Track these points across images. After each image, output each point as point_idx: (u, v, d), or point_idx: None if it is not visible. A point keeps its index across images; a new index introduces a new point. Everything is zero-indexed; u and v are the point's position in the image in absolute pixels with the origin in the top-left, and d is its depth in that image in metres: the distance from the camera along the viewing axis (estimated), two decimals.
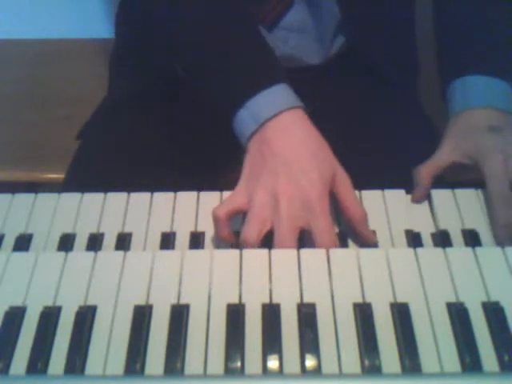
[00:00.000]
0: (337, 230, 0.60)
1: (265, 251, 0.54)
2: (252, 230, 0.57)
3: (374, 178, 0.71)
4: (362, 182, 0.65)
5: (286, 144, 0.59)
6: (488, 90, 0.68)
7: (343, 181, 0.59)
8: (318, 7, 0.79)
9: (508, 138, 0.64)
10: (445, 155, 0.66)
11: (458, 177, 0.70)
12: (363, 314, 0.49)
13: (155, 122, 0.81)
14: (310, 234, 0.56)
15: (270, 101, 0.61)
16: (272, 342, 0.48)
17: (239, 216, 0.60)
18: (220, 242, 0.60)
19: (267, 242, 0.59)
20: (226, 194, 0.64)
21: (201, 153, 0.82)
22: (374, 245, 0.59)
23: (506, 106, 0.67)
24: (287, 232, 0.56)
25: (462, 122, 0.67)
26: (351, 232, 0.60)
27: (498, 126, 0.65)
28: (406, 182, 0.65)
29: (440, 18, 0.78)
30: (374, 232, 0.60)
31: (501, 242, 0.59)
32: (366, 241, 0.59)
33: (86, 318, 0.50)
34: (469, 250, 0.55)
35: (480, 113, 0.67)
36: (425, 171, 0.65)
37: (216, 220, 0.59)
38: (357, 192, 0.64)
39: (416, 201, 0.64)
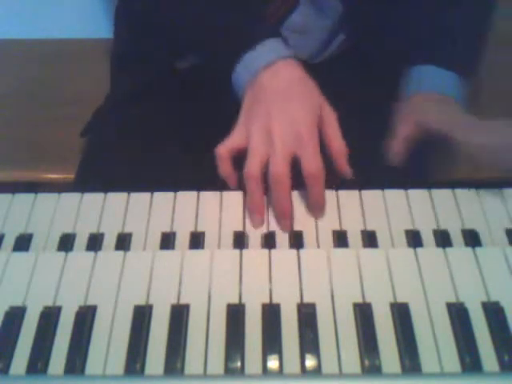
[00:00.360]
0: (336, 228, 0.60)
1: (265, 251, 0.54)
2: (253, 163, 0.61)
3: (373, 177, 0.71)
4: (363, 181, 0.65)
5: (277, 85, 0.64)
6: (439, 79, 0.73)
7: (329, 116, 0.64)
8: (322, 9, 0.79)
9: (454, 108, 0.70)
10: (407, 123, 0.69)
11: (458, 176, 0.70)
12: (363, 314, 0.49)
13: (160, 119, 0.81)
14: (299, 163, 0.60)
15: (263, 53, 0.66)
16: (272, 342, 0.48)
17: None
18: (220, 242, 0.60)
19: (268, 242, 0.59)
20: (226, 194, 0.64)
21: (202, 151, 0.82)
22: (350, 179, 0.63)
23: (453, 94, 0.72)
24: (280, 159, 0.60)
25: (415, 100, 0.72)
26: (332, 168, 0.63)
27: (443, 100, 0.70)
28: (406, 182, 0.65)
29: (404, 12, 0.80)
30: (373, 232, 0.60)
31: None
32: (343, 174, 0.63)
33: (85, 317, 0.50)
34: (469, 250, 0.55)
35: (431, 94, 0.72)
36: (402, 131, 0.68)
37: (218, 157, 0.63)
38: (357, 192, 0.64)
39: (393, 154, 0.67)
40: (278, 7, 0.79)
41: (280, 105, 0.63)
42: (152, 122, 0.81)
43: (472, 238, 0.59)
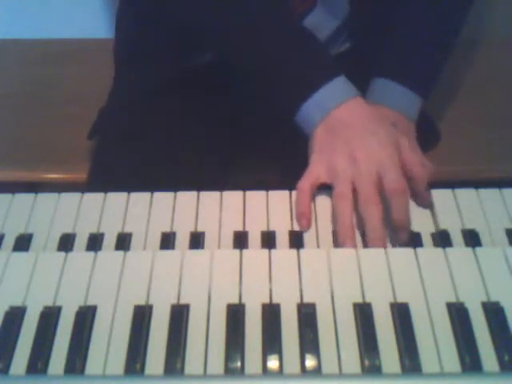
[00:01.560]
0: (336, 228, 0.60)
1: (265, 251, 0.54)
2: (344, 186, 0.61)
3: None
4: None
5: (354, 119, 0.65)
6: (401, 98, 0.75)
7: (405, 145, 0.64)
8: (333, 10, 0.79)
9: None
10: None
11: (458, 177, 0.70)
12: (363, 313, 0.49)
13: (164, 119, 0.81)
14: (382, 187, 0.61)
15: (333, 91, 0.67)
16: (272, 342, 0.48)
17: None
18: (220, 242, 0.60)
19: (268, 242, 0.59)
20: (226, 194, 0.64)
21: (202, 151, 0.82)
22: (427, 205, 0.63)
23: (408, 114, 0.75)
24: (369, 188, 0.60)
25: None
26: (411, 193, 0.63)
27: (396, 125, 0.69)
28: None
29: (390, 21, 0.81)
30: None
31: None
32: (422, 200, 0.63)
33: (85, 317, 0.50)
34: (469, 250, 0.55)
35: (388, 111, 0.73)
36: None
37: (300, 191, 0.62)
38: None
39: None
40: (296, 7, 0.79)
41: (359, 137, 0.64)
42: (157, 122, 0.81)
43: (472, 238, 0.59)
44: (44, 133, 1.03)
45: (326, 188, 0.64)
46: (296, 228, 0.61)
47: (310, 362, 0.46)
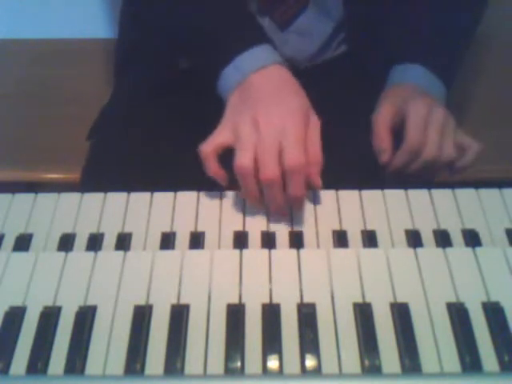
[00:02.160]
0: (336, 228, 0.60)
1: (265, 251, 0.54)
2: (244, 156, 0.60)
3: (374, 178, 0.71)
4: (362, 182, 0.65)
5: (266, 85, 0.65)
6: (425, 78, 0.75)
7: (313, 122, 0.63)
8: (326, 12, 0.79)
9: (434, 102, 0.71)
10: (387, 111, 0.71)
11: (458, 177, 0.70)
12: (363, 313, 0.49)
13: (163, 119, 0.81)
14: (281, 156, 0.60)
15: (255, 57, 0.66)
16: (272, 342, 0.48)
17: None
18: (220, 242, 0.60)
19: (268, 242, 0.59)
20: (226, 194, 0.64)
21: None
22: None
23: (436, 96, 0.73)
24: (269, 160, 0.59)
25: (396, 88, 0.74)
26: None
27: (425, 94, 0.72)
28: (405, 182, 0.65)
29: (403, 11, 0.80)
30: (373, 232, 0.60)
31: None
32: (313, 184, 0.62)
33: (85, 317, 0.50)
34: (469, 250, 0.55)
35: (413, 86, 0.74)
36: (384, 119, 0.70)
37: (203, 156, 0.62)
38: (357, 192, 0.64)
39: (385, 161, 0.69)
40: (288, 9, 0.79)
41: (268, 101, 0.63)
42: (156, 121, 0.81)
43: (472, 238, 0.59)
44: (44, 133, 1.03)
45: (326, 188, 0.64)
46: (296, 228, 0.61)
47: (309, 362, 0.46)
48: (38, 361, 0.47)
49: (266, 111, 0.62)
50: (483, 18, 0.80)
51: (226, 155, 0.63)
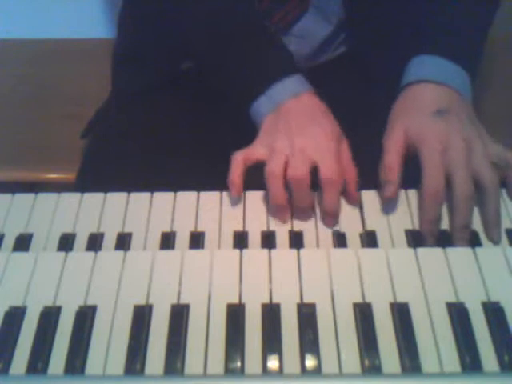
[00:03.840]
0: (336, 228, 0.60)
1: (265, 251, 0.54)
2: (275, 163, 0.61)
3: (373, 178, 0.71)
4: (362, 182, 0.65)
5: (301, 109, 0.65)
6: (442, 68, 0.67)
7: (345, 145, 0.64)
8: (326, 15, 0.79)
9: (453, 125, 0.62)
10: (397, 140, 0.64)
11: None
12: (363, 314, 0.49)
13: (161, 119, 0.81)
14: (317, 172, 0.61)
15: (286, 88, 0.66)
16: (272, 342, 0.48)
17: None
18: (220, 242, 0.60)
19: (268, 242, 0.59)
20: (226, 194, 0.64)
21: (201, 151, 0.82)
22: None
23: (458, 87, 0.66)
24: (300, 163, 0.61)
25: (410, 99, 0.67)
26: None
27: (446, 109, 0.64)
28: (405, 182, 0.65)
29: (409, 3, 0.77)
30: (373, 232, 0.60)
31: (424, 237, 0.59)
32: (351, 200, 0.63)
33: (85, 317, 0.50)
34: (469, 250, 0.55)
35: (430, 89, 0.66)
36: (393, 160, 0.63)
37: (233, 161, 0.63)
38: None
39: (394, 198, 0.62)
40: (286, 13, 0.79)
41: (302, 123, 0.64)
42: (153, 122, 0.81)
43: (472, 238, 0.59)
44: (44, 133, 1.03)
45: None
46: (296, 228, 0.61)
47: (310, 362, 0.46)
48: (38, 361, 0.47)
49: (300, 131, 0.63)
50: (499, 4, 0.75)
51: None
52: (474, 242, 0.59)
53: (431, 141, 0.61)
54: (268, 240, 0.59)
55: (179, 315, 0.50)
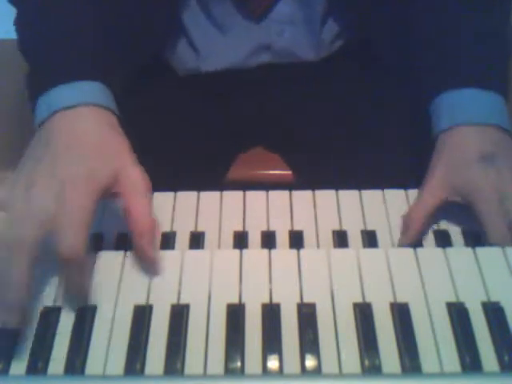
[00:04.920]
0: (336, 228, 0.60)
1: (265, 251, 0.54)
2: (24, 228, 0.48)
3: (373, 177, 0.71)
4: (362, 181, 0.65)
5: (64, 133, 0.52)
6: (478, 103, 0.61)
7: (132, 183, 0.52)
8: (307, 1, 0.77)
9: (502, 172, 0.58)
10: (437, 192, 0.60)
11: None
12: (363, 314, 0.49)
13: (157, 120, 0.81)
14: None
15: (70, 93, 0.56)
16: (272, 341, 0.48)
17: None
18: (220, 242, 0.60)
19: (268, 242, 0.59)
20: (226, 194, 0.64)
21: (201, 151, 0.82)
22: (151, 263, 0.52)
23: (498, 120, 0.60)
24: (29, 223, 0.47)
25: (452, 149, 0.60)
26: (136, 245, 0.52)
27: (491, 153, 0.58)
28: (405, 182, 0.65)
29: (412, 28, 0.70)
30: (373, 232, 0.60)
31: None
32: (144, 259, 0.52)
33: (86, 318, 0.50)
34: (469, 250, 0.55)
35: (470, 134, 0.60)
36: (418, 214, 0.59)
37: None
38: (357, 192, 0.64)
39: (409, 245, 0.57)
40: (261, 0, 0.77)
41: (56, 155, 0.51)
42: (149, 121, 0.81)
43: (472, 238, 0.59)
44: None
45: (326, 188, 0.64)
46: (296, 228, 0.61)
47: (310, 362, 0.46)
48: (38, 361, 0.47)
49: (45, 171, 0.50)
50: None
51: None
52: (473, 242, 0.59)
53: (486, 191, 0.57)
54: (268, 240, 0.59)
55: (179, 315, 0.50)
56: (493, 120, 0.60)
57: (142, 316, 0.50)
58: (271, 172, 0.88)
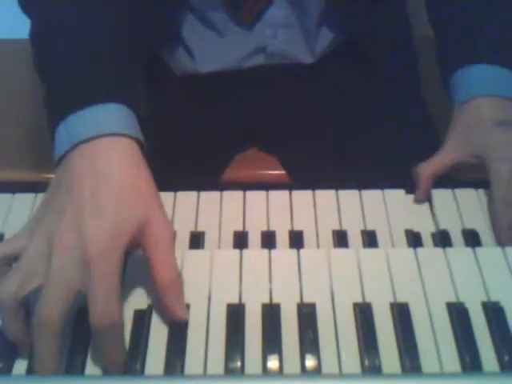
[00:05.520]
0: (336, 228, 0.60)
1: (265, 251, 0.54)
2: (11, 283, 0.44)
3: (373, 177, 0.71)
4: (362, 181, 0.65)
5: (86, 178, 0.47)
6: (492, 77, 0.65)
7: (157, 235, 0.47)
8: (300, 4, 0.77)
9: None
10: (449, 153, 0.64)
11: (458, 177, 0.70)
12: (363, 314, 0.49)
13: (156, 120, 0.81)
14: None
15: (92, 120, 0.50)
16: (272, 341, 0.48)
17: None
18: (220, 242, 0.60)
19: (268, 242, 0.59)
20: (226, 194, 0.64)
21: (202, 152, 0.82)
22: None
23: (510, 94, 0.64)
24: (54, 294, 0.44)
25: (467, 116, 0.65)
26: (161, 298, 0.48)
27: (505, 120, 0.62)
28: (406, 182, 0.65)
29: (439, 7, 0.75)
30: (373, 232, 0.60)
31: (503, 243, 0.58)
32: (171, 315, 0.48)
33: (86, 318, 0.50)
34: (469, 250, 0.55)
35: (485, 103, 0.64)
36: (425, 170, 0.64)
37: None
38: (357, 192, 0.64)
39: (417, 201, 0.63)
40: (252, 6, 0.77)
41: (80, 204, 0.46)
42: (151, 120, 0.81)
43: (472, 238, 0.59)
44: (44, 133, 1.03)
45: (326, 188, 0.64)
46: (296, 228, 0.61)
47: (310, 362, 0.46)
48: None
49: (68, 226, 0.45)
50: None
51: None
52: (473, 242, 0.59)
53: (499, 150, 0.61)
54: (268, 240, 0.59)
55: None
56: (507, 93, 0.64)
57: (142, 316, 0.50)
58: (271, 172, 0.88)
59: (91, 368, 0.47)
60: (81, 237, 0.44)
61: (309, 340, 0.47)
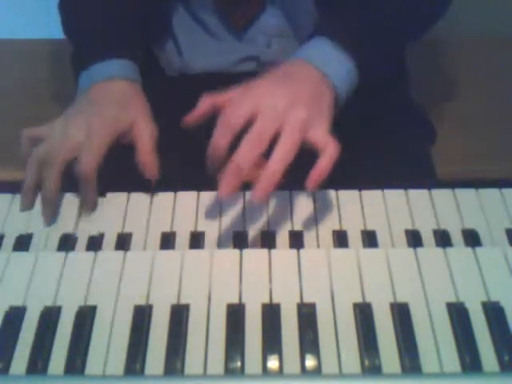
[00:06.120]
0: (336, 228, 0.60)
1: (265, 251, 0.54)
2: (39, 148, 0.66)
3: (373, 177, 0.71)
4: (362, 181, 0.65)
5: (100, 93, 0.69)
6: (322, 50, 0.66)
7: (142, 129, 0.66)
8: (294, 10, 0.77)
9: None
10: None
11: (458, 177, 0.70)
12: (363, 314, 0.49)
13: (159, 118, 0.81)
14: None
15: (106, 69, 0.71)
16: (272, 341, 0.48)
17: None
18: (220, 242, 0.60)
19: (268, 242, 0.59)
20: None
21: (201, 152, 0.82)
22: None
23: (332, 70, 0.65)
24: (59, 151, 0.64)
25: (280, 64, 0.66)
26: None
27: (286, 73, 0.64)
28: (405, 182, 0.65)
29: None
30: (373, 232, 0.60)
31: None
32: (146, 174, 0.64)
33: (85, 317, 0.50)
34: (469, 250, 0.55)
35: (301, 61, 0.65)
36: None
37: (21, 137, 0.71)
38: (357, 192, 0.64)
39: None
40: (244, 12, 0.77)
41: (92, 106, 0.67)
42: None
43: (472, 238, 0.59)
44: None
45: (326, 188, 0.64)
46: (296, 228, 0.61)
47: (309, 362, 0.46)
48: (38, 361, 0.47)
49: (76, 118, 0.66)
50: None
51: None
52: (473, 242, 0.59)
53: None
54: (268, 240, 0.59)
55: (179, 315, 0.50)
56: (328, 67, 0.64)
57: (142, 316, 0.50)
58: None
59: (91, 368, 0.47)
60: (89, 122, 0.65)
61: (309, 340, 0.48)
